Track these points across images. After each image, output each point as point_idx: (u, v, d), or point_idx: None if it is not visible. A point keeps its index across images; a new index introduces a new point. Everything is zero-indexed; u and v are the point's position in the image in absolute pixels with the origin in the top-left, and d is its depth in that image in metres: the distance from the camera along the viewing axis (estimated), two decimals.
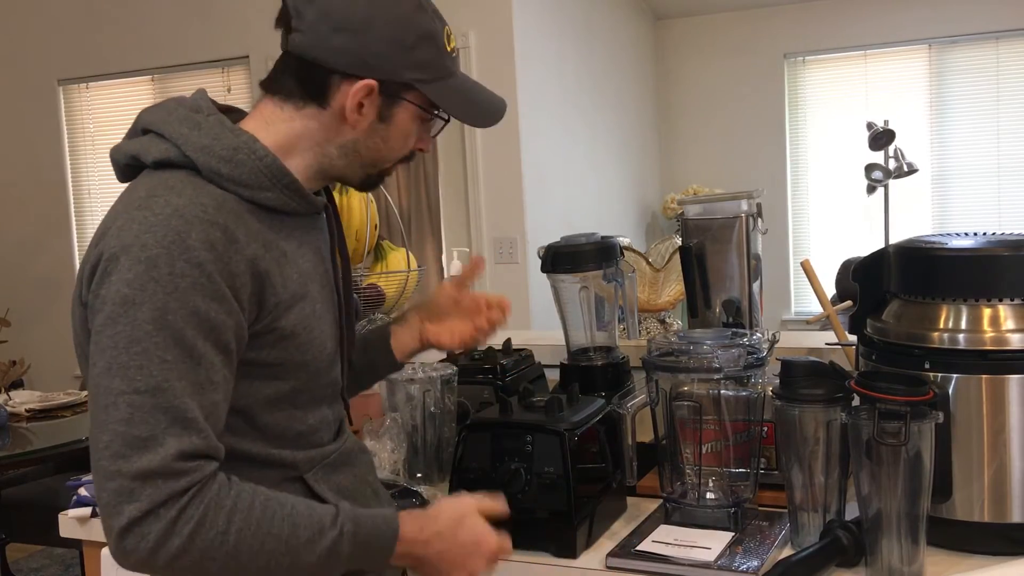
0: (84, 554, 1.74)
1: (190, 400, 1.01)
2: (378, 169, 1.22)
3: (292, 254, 1.15)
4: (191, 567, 1.01)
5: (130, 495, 0.98)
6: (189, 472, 1.00)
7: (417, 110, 1.17)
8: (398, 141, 1.19)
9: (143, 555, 0.99)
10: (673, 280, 2.05)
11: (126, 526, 0.98)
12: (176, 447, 0.99)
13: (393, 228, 3.60)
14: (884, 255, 1.43)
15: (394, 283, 2.27)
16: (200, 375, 1.02)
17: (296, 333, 1.13)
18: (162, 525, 0.98)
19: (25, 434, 3.11)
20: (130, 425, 0.99)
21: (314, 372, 1.18)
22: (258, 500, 1.05)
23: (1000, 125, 5.49)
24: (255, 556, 1.03)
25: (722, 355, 1.42)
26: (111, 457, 0.99)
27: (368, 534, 1.10)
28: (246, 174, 1.10)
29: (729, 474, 1.47)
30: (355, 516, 1.10)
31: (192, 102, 1.16)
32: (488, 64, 4.15)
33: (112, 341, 1.00)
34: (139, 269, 1.01)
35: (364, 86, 1.13)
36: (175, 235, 1.02)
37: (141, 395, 0.99)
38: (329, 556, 1.07)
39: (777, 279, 5.72)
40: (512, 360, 1.86)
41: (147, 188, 1.08)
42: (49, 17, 5.02)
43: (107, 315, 1.01)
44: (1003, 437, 1.27)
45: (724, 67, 5.93)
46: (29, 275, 5.18)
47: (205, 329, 1.02)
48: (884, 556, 1.24)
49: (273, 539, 1.04)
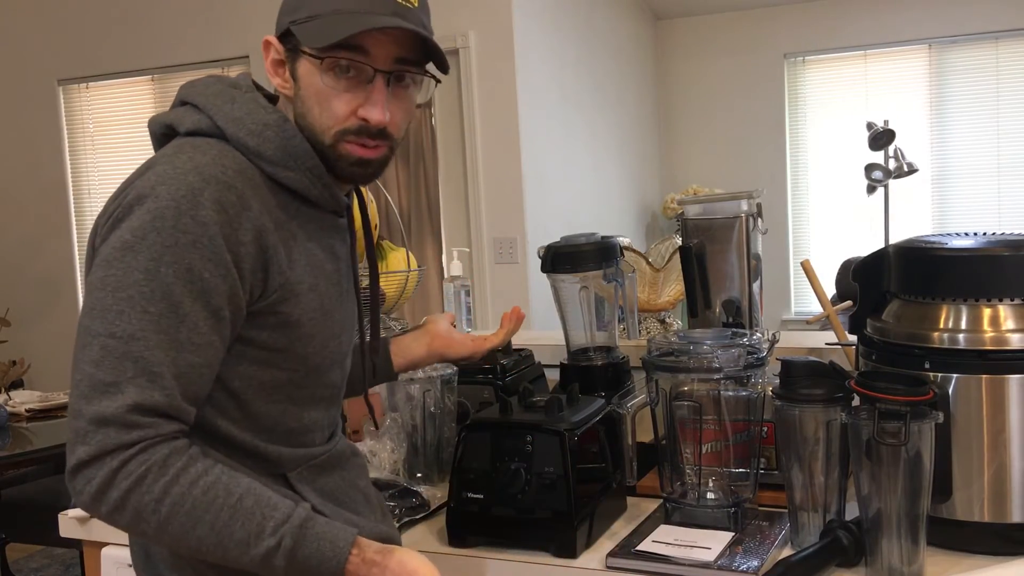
0: (84, 554, 1.74)
1: (163, 355, 1.01)
2: (325, 147, 1.13)
3: (303, 241, 1.14)
4: (128, 525, 1.02)
5: (84, 437, 0.99)
6: (142, 426, 1.00)
7: (310, 60, 1.12)
8: (313, 102, 1.13)
9: (86, 499, 1.00)
10: (673, 280, 2.05)
11: (75, 466, 0.99)
12: (134, 398, 0.99)
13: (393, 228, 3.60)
14: (884, 255, 1.43)
15: (394, 283, 2.27)
16: (181, 334, 1.02)
17: (301, 323, 1.13)
18: (104, 473, 0.98)
19: (25, 434, 3.11)
20: (98, 367, 0.99)
21: (313, 368, 1.17)
22: (204, 480, 1.01)
23: (1000, 125, 5.49)
24: (185, 535, 1.01)
25: (722, 355, 1.42)
26: (78, 397, 1.00)
27: (308, 555, 1.03)
28: (272, 150, 1.11)
29: (729, 474, 1.47)
30: (302, 531, 1.03)
31: (232, 80, 1.18)
32: (488, 64, 4.15)
33: (102, 283, 1.01)
34: (146, 219, 1.01)
35: (264, 42, 1.16)
36: (187, 190, 1.03)
37: (115, 340, 0.99)
38: (262, 564, 1.02)
39: (777, 279, 5.72)
40: (512, 360, 1.86)
41: (174, 147, 1.10)
42: (49, 17, 5.02)
43: (104, 257, 1.03)
44: (1003, 437, 1.27)
45: (724, 67, 5.93)
46: (29, 275, 5.18)
47: (196, 289, 1.02)
48: (884, 556, 1.24)
49: (204, 526, 1.00)
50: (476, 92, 4.18)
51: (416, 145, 4.44)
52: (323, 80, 1.12)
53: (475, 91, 4.18)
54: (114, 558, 1.64)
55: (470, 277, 4.06)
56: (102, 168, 5.12)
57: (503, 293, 4.23)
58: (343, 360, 1.26)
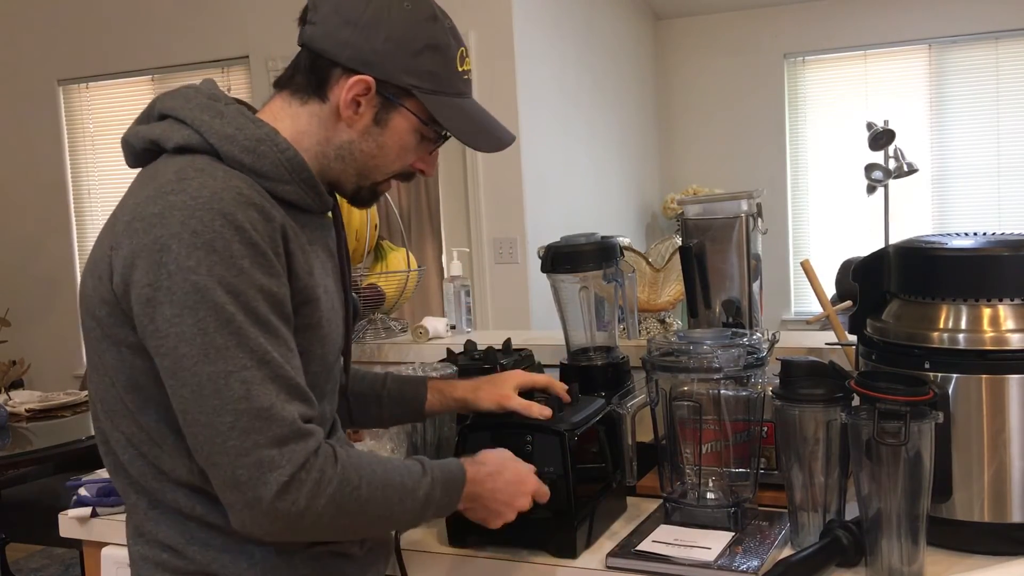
0: (84, 554, 1.74)
1: (289, 368, 1.05)
2: (371, 181, 1.22)
3: (310, 245, 1.16)
4: (327, 525, 1.06)
5: (271, 464, 1.01)
6: (312, 432, 1.05)
7: (415, 121, 1.18)
8: (393, 151, 1.19)
9: (292, 518, 1.03)
10: (673, 280, 2.05)
11: (277, 493, 1.01)
12: (295, 411, 1.04)
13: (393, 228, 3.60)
14: (884, 255, 1.43)
15: (394, 283, 2.27)
16: (282, 346, 1.06)
17: (320, 325, 1.15)
18: (308, 488, 1.03)
19: (25, 434, 3.11)
20: (250, 400, 1.01)
21: (326, 366, 1.20)
22: (365, 455, 1.12)
23: (1000, 125, 5.49)
24: (379, 506, 1.10)
25: (722, 355, 1.42)
26: (241, 434, 1.01)
27: (447, 478, 1.19)
28: (268, 166, 1.11)
29: (729, 474, 1.47)
30: (432, 463, 1.18)
31: (207, 90, 1.17)
32: (488, 64, 4.15)
33: (199, 328, 1.01)
34: (199, 255, 1.01)
35: (359, 80, 1.14)
36: (222, 218, 1.03)
37: (249, 371, 1.02)
38: (425, 501, 1.15)
39: (777, 279, 5.73)
40: (512, 360, 1.85)
41: (175, 172, 1.07)
42: (49, 17, 5.02)
43: (180, 305, 1.01)
44: (1003, 437, 1.27)
45: (724, 67, 5.93)
46: (29, 275, 5.18)
47: (271, 303, 1.05)
48: (884, 556, 1.24)
49: (392, 489, 1.12)
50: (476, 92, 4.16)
51: None
52: (415, 138, 1.19)
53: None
54: (114, 558, 1.64)
55: (470, 277, 4.05)
56: (102, 168, 5.12)
57: (503, 293, 4.23)
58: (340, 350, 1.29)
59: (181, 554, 1.13)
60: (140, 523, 1.16)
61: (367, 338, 2.27)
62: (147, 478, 1.13)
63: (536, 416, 1.40)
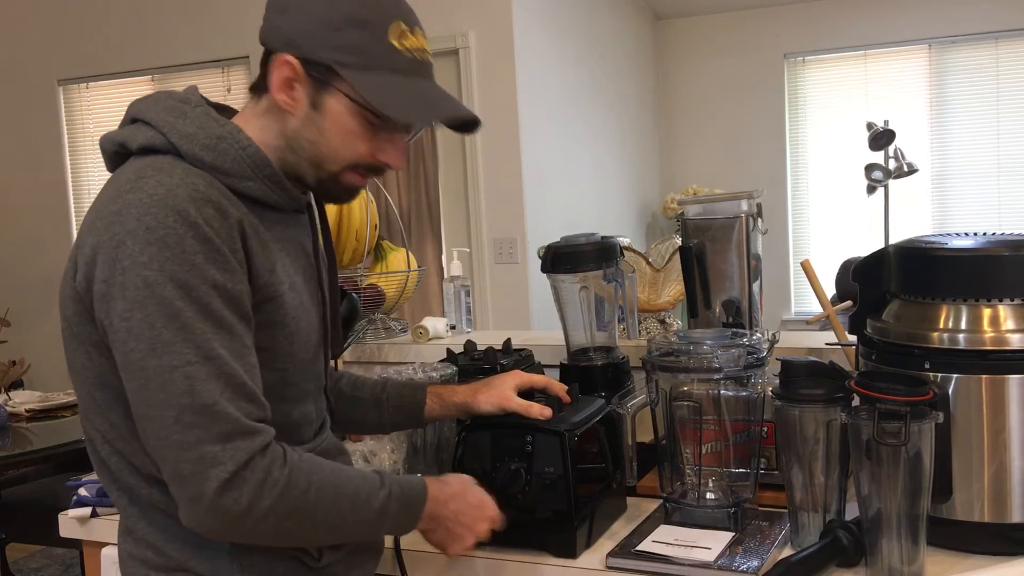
0: (84, 554, 1.74)
1: (237, 365, 1.04)
2: (327, 172, 1.18)
3: (274, 242, 1.16)
4: (272, 528, 1.05)
5: (213, 460, 1.01)
6: (258, 431, 1.04)
7: (347, 101, 1.13)
8: (336, 136, 1.15)
9: (234, 517, 1.02)
10: (673, 280, 2.05)
11: (218, 490, 1.01)
12: (240, 409, 1.03)
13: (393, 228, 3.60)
14: (884, 255, 1.43)
15: (394, 283, 2.27)
16: (235, 342, 1.05)
17: (286, 322, 1.15)
18: (251, 487, 1.02)
19: (25, 434, 3.11)
20: (193, 396, 1.01)
21: (300, 364, 1.19)
22: (318, 460, 1.12)
23: (1000, 125, 5.49)
24: (328, 513, 1.09)
25: (722, 355, 1.41)
26: (184, 428, 1.01)
27: (406, 493, 1.18)
28: (228, 163, 1.12)
29: (729, 474, 1.47)
30: (392, 478, 1.18)
31: (181, 94, 1.18)
32: (488, 64, 4.15)
33: (147, 322, 1.01)
34: (152, 251, 1.02)
35: (284, 62, 1.13)
36: (176, 214, 1.03)
37: (193, 366, 1.01)
38: (380, 513, 1.15)
39: (777, 279, 5.73)
40: (512, 360, 1.85)
41: (135, 171, 1.09)
42: (49, 17, 5.02)
43: (131, 300, 1.02)
44: (1003, 437, 1.27)
45: (724, 67, 5.93)
46: (29, 275, 5.17)
47: (226, 299, 1.05)
48: (884, 556, 1.24)
49: (344, 498, 1.11)
50: (476, 92, 4.18)
51: (416, 145, 4.44)
52: (356, 122, 1.14)
53: (475, 91, 4.18)
54: (114, 558, 1.63)
55: (470, 277, 4.06)
56: (102, 168, 5.05)
57: (503, 293, 4.23)
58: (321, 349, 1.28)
59: (161, 551, 1.14)
60: (124, 520, 1.18)
61: (367, 338, 2.27)
62: (124, 475, 1.14)
63: (536, 416, 1.40)
